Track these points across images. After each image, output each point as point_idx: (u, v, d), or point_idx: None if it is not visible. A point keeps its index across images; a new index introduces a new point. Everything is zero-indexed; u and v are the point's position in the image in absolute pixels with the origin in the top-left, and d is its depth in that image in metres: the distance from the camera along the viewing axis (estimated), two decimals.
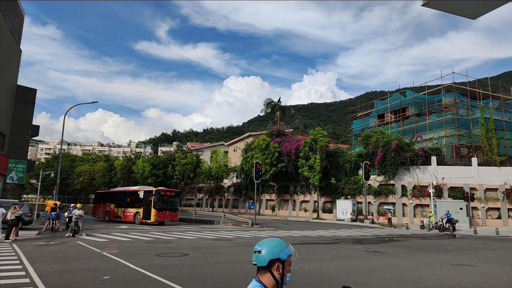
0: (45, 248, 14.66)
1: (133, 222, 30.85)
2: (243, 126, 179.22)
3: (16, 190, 76.47)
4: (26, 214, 21.77)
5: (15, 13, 31.18)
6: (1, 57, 27.82)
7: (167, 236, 20.00)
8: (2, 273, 9.43)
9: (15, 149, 33.46)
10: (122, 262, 11.34)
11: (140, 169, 55.79)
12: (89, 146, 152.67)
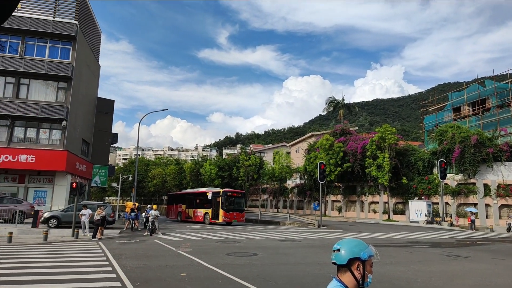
0: (127, 246, 15.95)
1: (203, 222, 32.22)
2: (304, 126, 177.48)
3: (99, 192, 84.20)
4: (109, 215, 23.89)
5: (94, 32, 34.51)
6: (84, 73, 30.97)
7: (235, 236, 20.56)
8: (93, 268, 10.47)
9: (98, 156, 37.01)
10: (196, 260, 11.92)
11: (207, 171, 58.15)
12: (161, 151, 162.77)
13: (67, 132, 26.89)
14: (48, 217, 22.24)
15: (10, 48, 26.72)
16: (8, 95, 26.29)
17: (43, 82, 27.25)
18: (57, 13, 27.72)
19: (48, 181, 26.86)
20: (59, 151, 26.05)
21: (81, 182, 22.95)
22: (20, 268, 10.24)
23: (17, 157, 24.91)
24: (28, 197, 26.03)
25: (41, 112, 26.05)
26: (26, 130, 26.79)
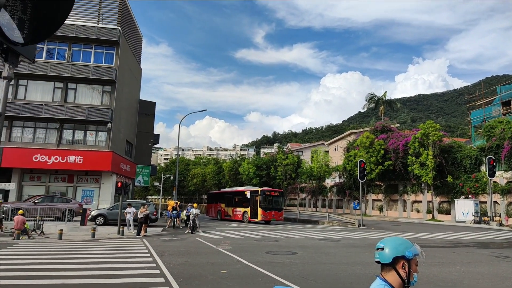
0: (170, 243, 16.40)
1: (241, 220, 32.49)
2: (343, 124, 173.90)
3: (142, 191, 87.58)
4: (152, 213, 24.72)
5: (135, 37, 35.86)
6: (127, 76, 32.28)
7: (274, 234, 20.51)
8: (138, 264, 10.86)
9: (141, 156, 38.48)
10: (236, 258, 12.00)
11: (245, 170, 58.60)
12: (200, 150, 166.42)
13: (112, 133, 28.16)
14: (95, 215, 23.41)
15: (58, 54, 28.41)
16: (57, 100, 27.97)
17: (89, 86, 28.72)
18: (100, 19, 29.10)
19: (95, 181, 28.28)
20: (105, 152, 27.33)
21: (125, 182, 23.92)
22: (71, 263, 10.83)
23: (66, 158, 26.43)
24: (77, 196, 27.56)
25: (87, 115, 27.47)
26: (74, 133, 28.37)
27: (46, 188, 27.29)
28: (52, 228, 19.25)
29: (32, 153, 26.03)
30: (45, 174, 27.51)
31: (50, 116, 27.09)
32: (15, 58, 1.99)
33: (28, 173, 27.42)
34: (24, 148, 26.37)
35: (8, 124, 26.39)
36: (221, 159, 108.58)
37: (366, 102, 63.83)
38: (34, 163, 26.02)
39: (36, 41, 2.03)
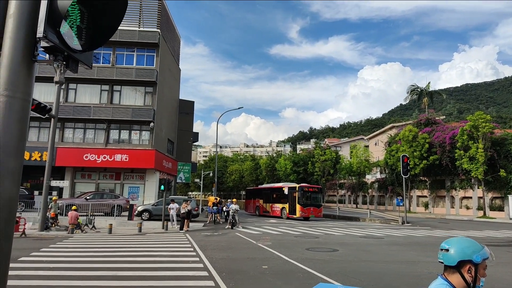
0: (211, 238, 16.82)
1: (280, 216, 32.54)
2: (383, 117, 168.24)
3: (183, 188, 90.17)
4: (194, 209, 25.44)
5: (174, 38, 36.89)
6: (167, 77, 33.34)
7: (314, 231, 20.37)
8: (182, 258, 11.25)
9: (182, 154, 39.63)
10: (276, 253, 12.08)
11: (282, 167, 58.52)
12: (237, 147, 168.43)
13: (155, 132, 29.26)
14: (141, 210, 24.49)
15: (104, 59, 29.89)
16: (104, 101, 29.48)
17: (132, 88, 29.99)
18: (141, 23, 30.24)
19: (140, 178, 29.56)
20: (148, 150, 28.47)
21: (168, 179, 24.82)
22: (121, 256, 11.43)
23: (113, 156, 27.82)
24: (124, 192, 28.95)
25: (132, 116, 28.73)
26: (120, 132, 29.79)
27: (96, 185, 28.93)
28: (102, 223, 20.40)
29: (82, 153, 27.67)
30: (95, 172, 29.16)
31: (98, 117, 28.63)
32: (75, 65, 2.15)
33: (79, 171, 29.19)
34: (75, 148, 28.09)
35: (61, 125, 28.20)
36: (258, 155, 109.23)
37: (408, 94, 61.27)
38: (84, 162, 27.66)
39: (93, 47, 2.18)
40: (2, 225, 1.83)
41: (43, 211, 18.01)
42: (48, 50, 1.99)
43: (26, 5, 1.92)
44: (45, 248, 12.64)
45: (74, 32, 2.07)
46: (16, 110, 1.89)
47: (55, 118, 17.46)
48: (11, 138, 1.88)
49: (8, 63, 1.89)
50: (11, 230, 1.94)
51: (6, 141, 1.86)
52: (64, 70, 14.00)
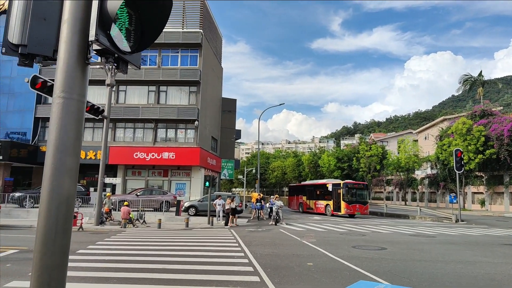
0: (255, 234, 16.96)
1: (324, 213, 32.09)
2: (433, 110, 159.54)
3: (227, 184, 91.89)
4: (238, 205, 25.80)
5: (216, 38, 37.51)
6: (210, 76, 34.02)
7: (360, 228, 19.84)
8: (228, 253, 11.44)
9: (225, 151, 40.35)
10: (321, 250, 11.91)
11: (325, 163, 57.58)
12: (279, 144, 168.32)
13: (199, 131, 30.03)
14: (187, 206, 25.27)
15: (150, 60, 31.12)
16: (151, 102, 30.72)
17: (177, 88, 30.96)
18: (184, 24, 31.07)
19: (186, 175, 30.51)
20: (194, 148, 29.28)
21: (213, 175, 25.38)
22: (170, 250, 11.87)
23: (161, 154, 28.95)
24: (171, 188, 30.04)
25: (177, 115, 29.69)
26: (166, 131, 30.92)
27: (145, 182, 30.29)
28: (152, 218, 21.33)
29: (133, 151, 29.08)
30: (144, 169, 30.54)
31: (146, 117, 29.92)
32: (125, 66, 2.25)
33: (130, 168, 30.71)
34: (126, 146, 29.59)
35: (113, 126, 29.81)
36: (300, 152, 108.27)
37: (461, 84, 57.48)
38: (135, 160, 29.05)
39: (141, 48, 2.26)
40: (61, 219, 1.95)
41: (98, 206, 19.18)
42: (100, 52, 2.08)
43: (79, 11, 2.02)
44: (100, 241, 13.45)
45: (123, 35, 2.15)
46: (72, 111, 1.99)
47: (107, 119, 18.50)
48: (68, 138, 1.99)
49: (64, 66, 2.01)
50: (70, 224, 2.06)
51: (64, 140, 1.98)
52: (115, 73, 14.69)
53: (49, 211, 1.93)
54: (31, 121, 30.27)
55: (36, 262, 1.93)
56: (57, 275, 1.93)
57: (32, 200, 23.55)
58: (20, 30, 2.08)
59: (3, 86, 30.65)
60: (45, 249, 1.91)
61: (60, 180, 1.92)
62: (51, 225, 1.92)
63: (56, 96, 1.96)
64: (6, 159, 26.74)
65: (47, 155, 1.99)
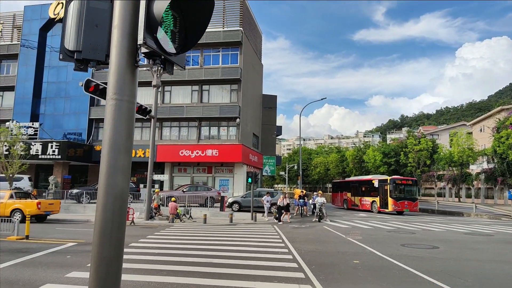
0: (299, 230, 16.89)
1: (370, 210, 31.20)
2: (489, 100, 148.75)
3: (269, 181, 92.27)
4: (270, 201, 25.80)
5: (256, 35, 37.65)
6: (250, 74, 34.27)
7: (409, 226, 19.07)
8: (272, 248, 11.51)
9: (266, 147, 40.50)
10: (367, 248, 11.61)
11: (370, 158, 55.82)
12: (321, 139, 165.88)
13: (241, 128, 30.40)
14: (231, 202, 25.73)
15: (193, 61, 31.94)
16: (195, 101, 31.56)
17: (219, 87, 31.53)
18: (225, 23, 31.52)
19: (229, 171, 31.06)
20: (236, 145, 29.71)
21: (255, 171, 25.56)
22: (215, 244, 12.16)
23: (205, 152, 29.69)
24: (215, 185, 30.73)
25: (219, 113, 30.28)
26: (210, 129, 31.65)
27: (191, 178, 31.26)
28: (197, 213, 21.99)
29: (178, 149, 30.10)
30: (190, 166, 31.51)
31: (190, 116, 30.82)
32: (171, 67, 2.34)
33: (176, 166, 31.84)
34: (172, 144, 30.70)
35: (159, 125, 31.04)
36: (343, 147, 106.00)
37: None
38: (180, 157, 30.06)
39: (185, 49, 2.34)
40: (116, 214, 2.08)
41: (148, 202, 20.10)
42: (147, 55, 2.18)
43: (128, 16, 2.13)
44: (150, 235, 14.10)
45: (169, 37, 2.23)
46: (124, 112, 2.11)
47: (154, 119, 19.30)
48: (120, 137, 2.11)
49: (115, 69, 2.12)
50: (124, 218, 2.18)
51: (116, 140, 2.10)
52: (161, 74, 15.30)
53: (105, 206, 2.06)
54: (85, 122, 32.33)
55: (94, 254, 2.07)
56: (113, 266, 2.06)
57: (88, 196, 25.20)
58: (75, 37, 2.23)
59: (61, 90, 32.99)
60: (103, 242, 2.04)
61: (114, 177, 2.04)
62: (108, 219, 2.05)
63: (109, 98, 2.09)
64: (65, 158, 28.80)
65: (102, 154, 2.13)
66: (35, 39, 33.24)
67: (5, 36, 35.19)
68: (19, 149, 24.63)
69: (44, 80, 33.37)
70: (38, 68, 33.20)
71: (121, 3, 2.09)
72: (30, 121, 31.76)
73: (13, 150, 24.45)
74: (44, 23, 33.08)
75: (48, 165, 30.97)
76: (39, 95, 33.18)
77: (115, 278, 2.07)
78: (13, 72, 34.40)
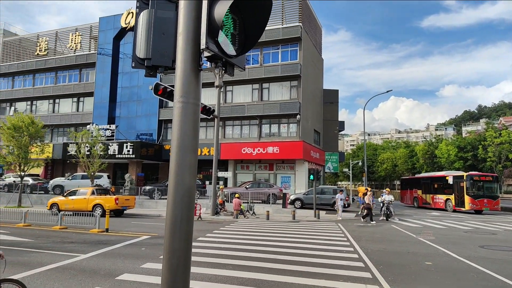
0: (364, 229, 16.33)
1: (444, 209, 29.10)
2: None
3: (331, 178, 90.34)
4: (344, 198, 25.20)
5: (315, 29, 37.00)
6: (310, 69, 33.82)
7: (489, 226, 17.44)
8: (336, 247, 11.29)
9: (328, 144, 39.69)
10: (441, 249, 10.87)
11: (444, 153, 52.02)
12: (387, 134, 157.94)
13: (301, 124, 30.17)
14: (293, 199, 25.70)
15: (253, 60, 32.39)
16: (255, 99, 32.00)
17: (278, 84, 31.59)
18: (284, 20, 31.44)
19: (290, 168, 31.02)
20: (296, 142, 29.56)
21: (317, 168, 25.24)
22: (279, 241, 12.26)
23: (266, 149, 30.00)
24: (277, 182, 30.90)
25: (279, 110, 30.35)
26: (270, 126, 31.89)
27: (253, 175, 31.82)
28: (260, 210, 22.34)
29: (240, 147, 30.83)
30: (252, 164, 32.09)
31: (251, 114, 31.34)
32: (231, 69, 2.43)
33: (239, 163, 32.64)
34: (234, 142, 31.53)
35: (222, 124, 32.05)
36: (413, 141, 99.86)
37: None
38: (242, 155, 30.76)
39: (245, 51, 2.40)
40: (185, 208, 2.21)
41: (213, 198, 20.91)
42: (209, 58, 2.28)
43: (191, 23, 2.25)
44: (216, 230, 14.66)
45: (229, 39, 2.31)
46: (190, 113, 2.24)
47: (217, 118, 20.00)
48: (187, 137, 2.25)
49: (181, 74, 2.26)
50: (192, 213, 2.32)
51: (184, 140, 2.23)
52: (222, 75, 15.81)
53: (175, 201, 2.21)
54: (155, 123, 34.54)
55: (166, 246, 2.23)
56: (183, 258, 2.21)
57: (160, 193, 26.92)
58: (144, 45, 2.41)
59: (133, 94, 35.65)
60: (173, 235, 2.20)
61: (183, 174, 2.19)
62: (177, 214, 2.20)
63: (176, 101, 2.23)
64: (138, 157, 31.09)
65: (171, 153, 2.28)
66: (109, 47, 36.29)
67: (83, 47, 38.91)
68: (98, 149, 27.11)
69: (119, 86, 36.32)
70: (113, 74, 36.21)
71: (185, 11, 2.21)
72: (107, 123, 34.80)
73: (93, 150, 26.98)
74: (117, 32, 35.95)
75: (124, 163, 33.68)
76: (114, 100, 36.20)
77: (185, 269, 2.22)
78: (92, 79, 37.92)
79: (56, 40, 40.17)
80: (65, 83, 39.37)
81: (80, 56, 38.30)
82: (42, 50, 40.50)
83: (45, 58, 40.05)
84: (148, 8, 2.40)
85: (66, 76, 39.72)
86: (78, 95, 38.68)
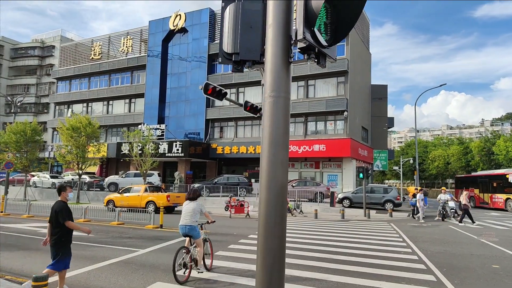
0: (420, 229, 15.55)
1: (504, 209, 27.11)
2: None
3: (379, 176, 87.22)
4: (395, 197, 24.21)
5: (363, 23, 35.87)
6: (358, 64, 32.85)
7: None
8: (392, 248, 10.84)
9: (377, 141, 38.34)
10: (507, 252, 10.12)
11: (502, 149, 48.38)
12: (438, 130, 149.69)
13: (349, 121, 29.38)
14: (342, 198, 25.10)
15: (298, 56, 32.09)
16: (301, 97, 31.64)
17: (324, 80, 30.99)
18: None
19: (337, 166, 30.36)
20: (344, 139, 28.85)
21: (366, 166, 24.46)
22: (331, 240, 12.00)
23: (312, 147, 29.59)
24: (323, 180, 30.37)
25: (326, 107, 29.76)
26: (316, 124, 31.38)
27: (299, 173, 31.54)
28: (307, 208, 22.07)
29: None
30: (297, 162, 31.81)
31: (297, 111, 31.02)
32: (324, 60, 2.34)
33: None
34: None
35: None
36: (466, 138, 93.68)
37: None
38: (289, 153, 30.59)
39: (337, 40, 2.31)
40: (278, 208, 2.16)
41: None
42: (302, 50, 2.21)
43: (281, 14, 2.19)
44: None
45: (322, 29, 2.23)
46: (281, 108, 2.18)
47: None
48: (279, 133, 2.19)
49: (272, 67, 2.21)
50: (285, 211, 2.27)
51: (276, 135, 2.18)
52: None
53: (267, 199, 2.16)
54: (202, 122, 35.33)
55: (260, 245, 2.20)
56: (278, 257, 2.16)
57: (208, 190, 27.49)
58: (232, 40, 2.40)
59: (181, 94, 36.73)
60: (267, 233, 2.16)
61: (275, 172, 2.14)
62: (271, 212, 2.15)
63: (267, 96, 2.19)
64: (187, 156, 31.97)
65: (262, 149, 2.24)
66: (158, 49, 37.65)
67: (134, 50, 40.70)
68: (150, 148, 28.23)
69: (168, 86, 37.57)
70: (162, 75, 37.52)
71: (274, 2, 2.16)
72: (157, 123, 36.15)
73: (145, 149, 28.15)
74: (166, 34, 37.18)
75: (173, 162, 34.80)
76: (163, 100, 37.51)
77: (280, 268, 2.17)
78: (142, 81, 39.56)
79: (109, 44, 42.37)
80: (118, 85, 41.43)
81: (131, 59, 40.10)
82: (96, 54, 42.93)
83: (99, 62, 42.40)
84: (235, 1, 2.37)
85: (118, 78, 41.78)
86: (130, 96, 40.54)
